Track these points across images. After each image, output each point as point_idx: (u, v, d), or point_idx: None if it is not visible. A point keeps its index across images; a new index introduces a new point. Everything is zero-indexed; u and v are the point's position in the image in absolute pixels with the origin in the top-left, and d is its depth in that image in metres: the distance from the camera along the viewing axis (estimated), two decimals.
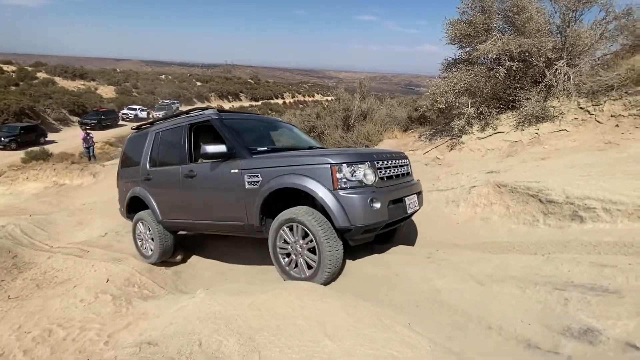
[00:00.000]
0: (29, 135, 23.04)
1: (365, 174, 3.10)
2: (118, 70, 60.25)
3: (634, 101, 5.40)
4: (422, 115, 8.67)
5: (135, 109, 35.19)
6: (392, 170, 3.43)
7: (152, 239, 4.85)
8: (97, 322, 3.43)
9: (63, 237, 6.75)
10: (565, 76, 6.21)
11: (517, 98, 6.61)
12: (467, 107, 6.97)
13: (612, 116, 5.55)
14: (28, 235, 6.57)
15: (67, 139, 24.49)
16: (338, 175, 2.99)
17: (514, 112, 6.65)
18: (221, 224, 3.96)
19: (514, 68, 6.53)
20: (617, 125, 5.43)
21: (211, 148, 3.52)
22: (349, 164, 3.07)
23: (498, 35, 6.70)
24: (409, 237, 4.52)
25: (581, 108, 5.93)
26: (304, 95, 74.75)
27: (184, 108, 43.11)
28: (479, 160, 6.35)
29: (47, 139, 24.35)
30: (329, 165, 3.01)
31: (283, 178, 3.22)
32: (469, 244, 3.91)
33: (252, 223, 3.53)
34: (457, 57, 7.60)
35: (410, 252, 3.63)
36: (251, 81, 71.59)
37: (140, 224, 5.05)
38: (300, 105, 53.46)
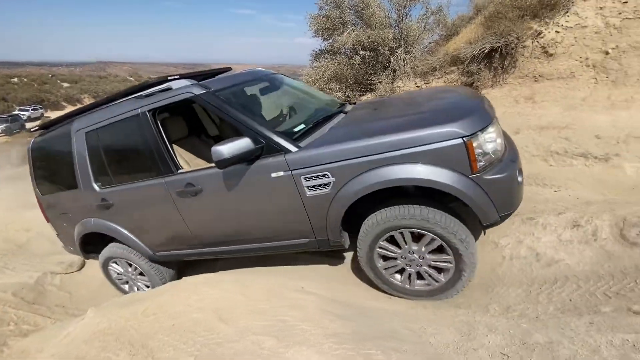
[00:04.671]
0: None
1: (497, 139, 2.02)
2: None
3: (450, 78, 6.54)
4: None
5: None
6: None
7: (142, 274, 3.45)
8: None
9: None
10: (404, 61, 7.09)
11: (372, 82, 7.31)
12: (337, 92, 7.41)
13: None
14: None
15: None
16: (477, 152, 1.90)
17: (372, 94, 7.35)
18: (266, 246, 2.65)
19: (366, 56, 7.16)
20: None
21: (229, 149, 2.12)
22: (484, 129, 1.95)
23: (352, 28, 7.19)
24: None
25: (417, 86, 6.91)
26: None
27: (49, 114, 34.87)
28: None
29: None
30: (461, 140, 1.87)
31: (379, 171, 2.00)
32: None
33: (326, 238, 2.38)
34: (322, 48, 7.93)
35: None
36: (131, 78, 62.13)
37: (115, 264, 3.56)
38: None
